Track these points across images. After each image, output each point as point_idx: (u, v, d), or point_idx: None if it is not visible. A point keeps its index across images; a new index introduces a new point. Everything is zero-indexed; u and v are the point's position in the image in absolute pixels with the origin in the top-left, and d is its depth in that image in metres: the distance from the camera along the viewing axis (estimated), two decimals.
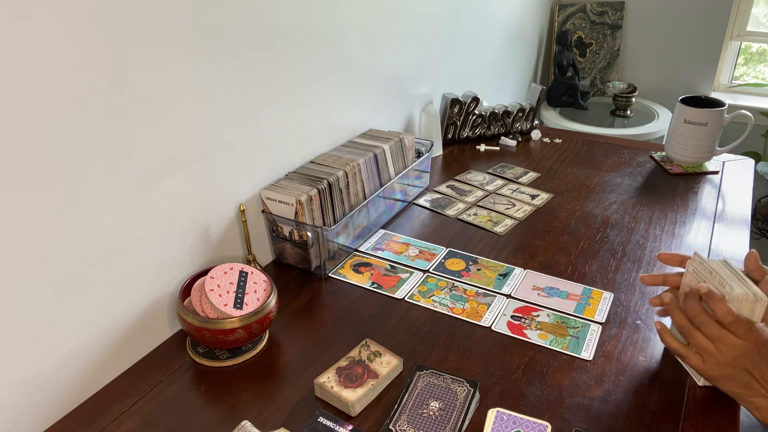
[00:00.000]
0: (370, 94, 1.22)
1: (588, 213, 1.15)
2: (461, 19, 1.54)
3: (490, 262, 0.99)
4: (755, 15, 2.22)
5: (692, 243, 1.04)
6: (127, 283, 0.77)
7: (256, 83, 0.89)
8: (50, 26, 0.60)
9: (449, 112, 1.43)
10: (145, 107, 0.73)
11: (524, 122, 1.53)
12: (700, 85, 2.30)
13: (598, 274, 0.95)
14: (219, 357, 0.79)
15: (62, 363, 0.71)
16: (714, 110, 1.25)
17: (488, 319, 0.85)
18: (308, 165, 1.02)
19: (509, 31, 1.90)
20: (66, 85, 0.63)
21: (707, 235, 1.06)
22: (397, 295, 0.91)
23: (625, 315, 0.86)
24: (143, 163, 0.75)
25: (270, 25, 0.89)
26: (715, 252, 1.01)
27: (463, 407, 0.68)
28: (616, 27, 2.33)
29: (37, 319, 0.67)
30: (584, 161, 1.39)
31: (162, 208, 0.79)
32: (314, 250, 0.94)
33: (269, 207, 0.94)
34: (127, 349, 0.79)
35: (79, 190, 0.67)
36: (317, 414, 0.68)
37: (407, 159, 1.16)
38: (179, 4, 0.73)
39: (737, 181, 1.27)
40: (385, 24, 1.20)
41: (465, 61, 1.64)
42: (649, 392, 0.72)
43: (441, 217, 1.15)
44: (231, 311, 0.76)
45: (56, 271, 0.67)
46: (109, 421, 0.70)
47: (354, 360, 0.75)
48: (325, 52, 1.03)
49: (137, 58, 0.70)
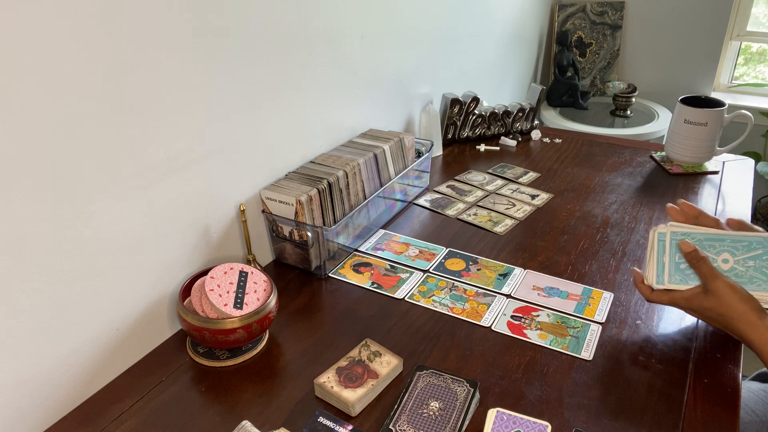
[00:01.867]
0: (370, 94, 1.22)
1: (588, 213, 1.15)
2: (461, 19, 1.54)
3: (490, 262, 0.99)
4: (755, 15, 2.22)
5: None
6: (127, 283, 0.77)
7: (257, 83, 0.89)
8: (50, 26, 0.60)
9: (449, 112, 1.43)
10: (145, 107, 0.73)
11: (524, 122, 1.53)
12: (700, 85, 2.30)
13: (598, 274, 0.95)
14: (219, 357, 0.79)
15: (62, 363, 0.71)
16: (714, 110, 1.25)
17: (488, 319, 0.85)
18: (308, 165, 1.02)
19: (509, 31, 1.90)
20: (66, 85, 0.63)
21: None
22: (397, 295, 0.91)
23: (625, 315, 0.86)
24: (143, 163, 0.75)
25: (270, 26, 0.89)
26: None
27: (463, 407, 0.68)
28: (616, 27, 2.33)
29: (38, 319, 0.67)
30: (584, 161, 1.39)
31: (162, 208, 0.79)
32: (314, 250, 0.94)
33: (269, 207, 0.94)
34: (127, 349, 0.79)
35: (79, 190, 0.67)
36: (317, 414, 0.68)
37: (407, 159, 1.16)
38: (179, 5, 0.73)
39: (737, 181, 1.27)
40: (385, 24, 1.20)
41: (465, 61, 1.64)
42: (649, 392, 0.72)
43: (441, 217, 1.15)
44: (231, 311, 0.76)
45: (56, 271, 0.67)
46: (109, 421, 0.70)
47: (354, 360, 0.75)
48: (325, 52, 1.03)
49: (137, 58, 0.70)
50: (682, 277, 0.77)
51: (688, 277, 0.77)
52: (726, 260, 0.76)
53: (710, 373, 0.75)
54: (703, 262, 0.75)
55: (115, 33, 0.67)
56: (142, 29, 0.70)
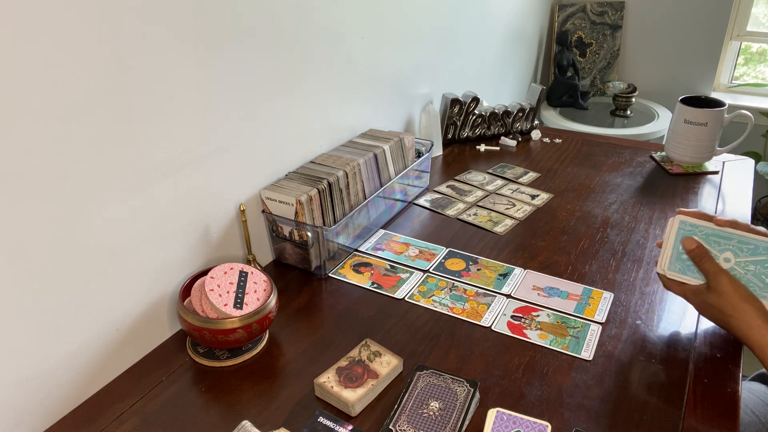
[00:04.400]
0: (370, 94, 1.22)
1: (588, 213, 1.15)
2: (461, 19, 1.54)
3: (490, 262, 0.99)
4: (755, 15, 2.22)
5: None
6: (127, 283, 0.77)
7: (257, 83, 0.89)
8: (51, 26, 0.60)
9: (449, 112, 1.43)
10: (145, 107, 0.73)
11: (524, 122, 1.53)
12: (700, 85, 2.30)
13: (598, 274, 0.95)
14: (219, 357, 0.79)
15: (62, 363, 0.71)
16: (714, 110, 1.25)
17: (488, 319, 0.85)
18: (308, 165, 1.02)
19: (509, 31, 1.90)
20: (66, 85, 0.63)
21: None
22: (397, 295, 0.91)
23: (625, 315, 0.86)
24: (143, 163, 0.75)
25: (270, 26, 0.89)
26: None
27: (463, 407, 0.68)
28: (616, 27, 2.33)
29: (38, 320, 0.67)
30: (584, 161, 1.39)
31: (162, 208, 0.79)
32: (314, 250, 0.94)
33: (269, 207, 0.94)
34: (127, 349, 0.79)
35: (79, 190, 0.67)
36: (317, 414, 0.68)
37: (407, 159, 1.16)
38: (180, 5, 0.73)
39: (737, 181, 1.27)
40: (385, 24, 1.20)
41: (465, 61, 1.64)
42: (649, 392, 0.72)
43: (441, 217, 1.15)
44: (231, 311, 0.76)
45: (56, 270, 0.67)
46: (109, 421, 0.70)
47: (354, 360, 0.75)
48: (325, 52, 1.03)
49: (137, 58, 0.70)
50: (681, 267, 0.78)
51: (688, 268, 0.78)
52: (728, 259, 0.76)
53: (710, 374, 0.75)
54: (706, 259, 0.75)
55: (116, 34, 0.67)
56: (142, 30, 0.70)
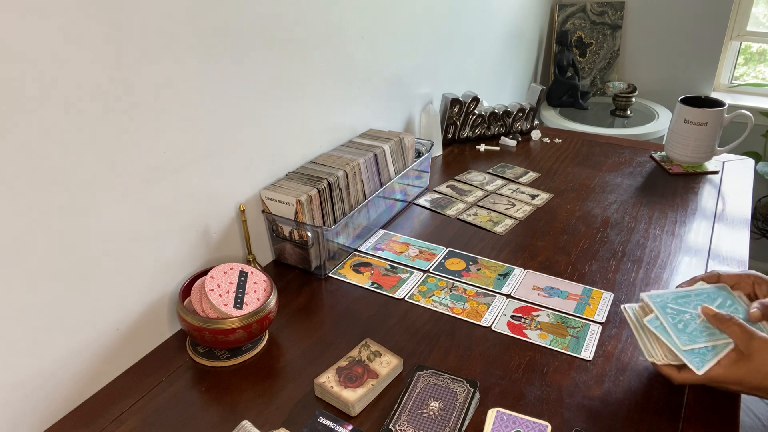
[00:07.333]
0: (370, 94, 1.22)
1: (588, 213, 1.15)
2: (461, 19, 1.54)
3: (490, 262, 0.99)
4: (755, 15, 2.22)
5: (692, 243, 1.04)
6: (127, 283, 0.77)
7: (257, 83, 0.89)
8: (51, 27, 0.60)
9: (449, 112, 1.43)
10: (145, 107, 0.73)
11: (524, 122, 1.53)
12: (700, 85, 2.30)
13: (598, 274, 0.95)
14: (219, 357, 0.79)
15: (62, 363, 0.71)
16: (714, 110, 1.25)
17: (488, 319, 0.85)
18: (308, 165, 1.02)
19: (509, 31, 1.90)
20: (66, 85, 0.63)
21: (707, 235, 1.06)
22: (397, 295, 0.91)
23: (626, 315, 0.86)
24: (143, 163, 0.75)
25: (270, 26, 0.89)
26: (715, 252, 1.01)
27: (463, 407, 0.68)
28: (616, 27, 2.33)
29: (37, 319, 0.67)
30: (584, 161, 1.39)
31: (162, 208, 0.79)
32: (314, 250, 0.94)
33: (269, 207, 0.94)
34: (127, 349, 0.79)
35: (78, 190, 0.67)
36: (317, 414, 0.68)
37: (407, 159, 1.16)
38: (180, 5, 0.73)
39: (737, 181, 1.27)
40: (385, 24, 1.20)
41: (465, 61, 1.64)
42: (649, 392, 0.72)
43: (441, 217, 1.15)
44: (231, 311, 0.76)
45: (56, 270, 0.67)
46: (109, 421, 0.70)
47: (354, 360, 0.75)
48: (325, 53, 1.03)
49: (138, 58, 0.70)
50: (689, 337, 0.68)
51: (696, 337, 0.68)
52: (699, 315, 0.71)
53: None
54: (732, 322, 0.66)
55: (116, 34, 0.67)
56: (142, 30, 0.70)
